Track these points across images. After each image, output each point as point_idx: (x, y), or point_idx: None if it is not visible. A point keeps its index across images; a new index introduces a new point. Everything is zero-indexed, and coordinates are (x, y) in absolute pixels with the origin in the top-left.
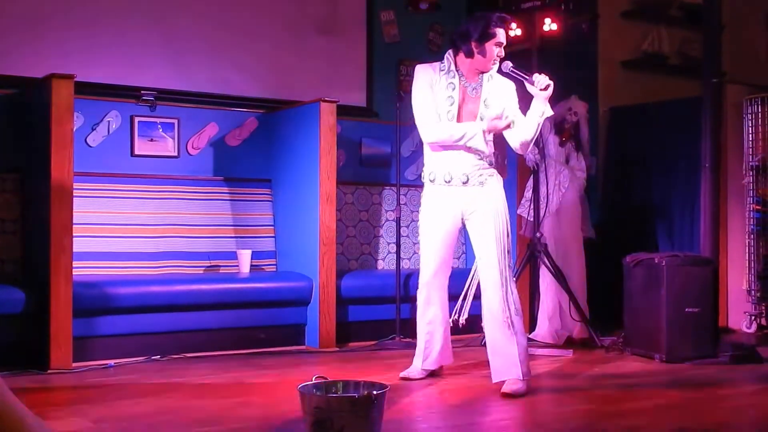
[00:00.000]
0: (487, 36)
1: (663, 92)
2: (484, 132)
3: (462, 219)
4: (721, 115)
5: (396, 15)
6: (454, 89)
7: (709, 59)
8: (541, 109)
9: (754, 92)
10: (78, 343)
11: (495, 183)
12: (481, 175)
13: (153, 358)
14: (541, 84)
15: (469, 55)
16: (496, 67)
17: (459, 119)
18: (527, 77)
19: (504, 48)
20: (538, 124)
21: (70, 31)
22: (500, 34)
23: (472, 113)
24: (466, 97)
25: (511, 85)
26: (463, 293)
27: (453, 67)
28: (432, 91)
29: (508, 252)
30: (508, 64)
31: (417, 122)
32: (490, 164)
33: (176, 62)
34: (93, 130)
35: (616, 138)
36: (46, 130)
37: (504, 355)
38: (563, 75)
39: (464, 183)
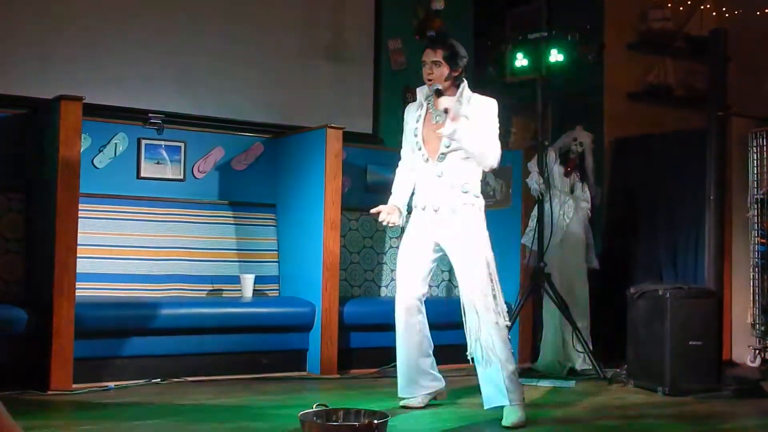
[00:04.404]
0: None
1: (668, 124)
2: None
3: (439, 247)
4: (726, 147)
5: (403, 43)
6: (418, 121)
7: (715, 92)
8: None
9: (760, 125)
10: (79, 364)
11: (469, 211)
12: (453, 203)
13: (153, 381)
14: (439, 110)
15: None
16: (460, 93)
17: (425, 146)
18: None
19: (433, 65)
20: (466, 147)
21: (79, 54)
22: (424, 54)
23: (437, 140)
24: (430, 127)
25: (478, 107)
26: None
27: (422, 99)
28: (407, 127)
29: (488, 279)
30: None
31: None
32: (466, 192)
33: (184, 86)
34: (100, 151)
35: (621, 169)
36: (53, 150)
37: (491, 382)
38: (569, 105)
39: (436, 210)
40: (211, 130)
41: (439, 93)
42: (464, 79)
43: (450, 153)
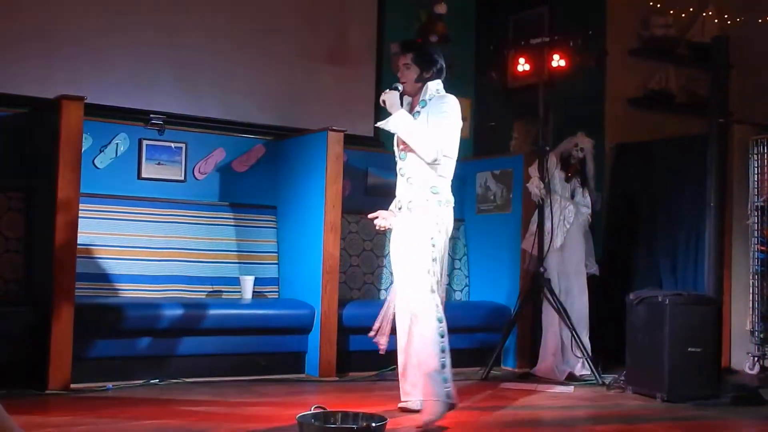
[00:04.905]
0: None
1: (669, 130)
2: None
3: None
4: (726, 154)
5: None
6: None
7: (716, 98)
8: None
9: (761, 132)
10: (77, 364)
11: (421, 208)
12: (410, 201)
13: (152, 381)
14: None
15: None
16: (425, 92)
17: (397, 147)
18: None
19: (404, 68)
20: (404, 138)
21: (81, 54)
22: (399, 59)
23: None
24: None
25: (435, 103)
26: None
27: (404, 103)
28: None
29: (416, 275)
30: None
31: None
32: (421, 189)
33: (186, 87)
34: (101, 151)
35: (622, 175)
36: (54, 150)
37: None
38: (571, 111)
39: (399, 209)
40: (212, 131)
41: (396, 90)
42: (439, 81)
43: (409, 151)
